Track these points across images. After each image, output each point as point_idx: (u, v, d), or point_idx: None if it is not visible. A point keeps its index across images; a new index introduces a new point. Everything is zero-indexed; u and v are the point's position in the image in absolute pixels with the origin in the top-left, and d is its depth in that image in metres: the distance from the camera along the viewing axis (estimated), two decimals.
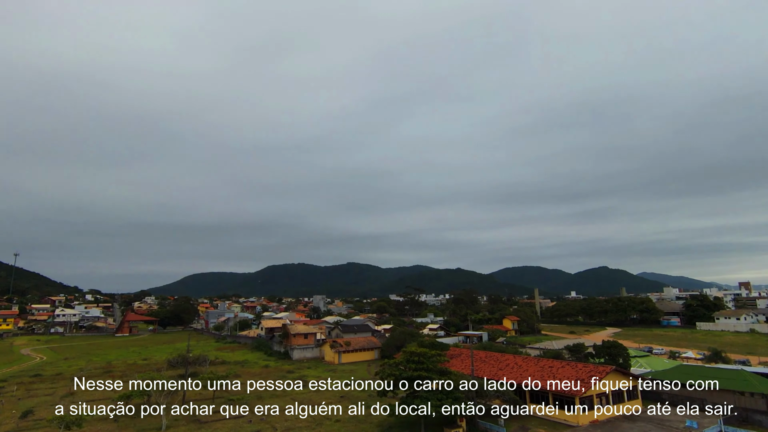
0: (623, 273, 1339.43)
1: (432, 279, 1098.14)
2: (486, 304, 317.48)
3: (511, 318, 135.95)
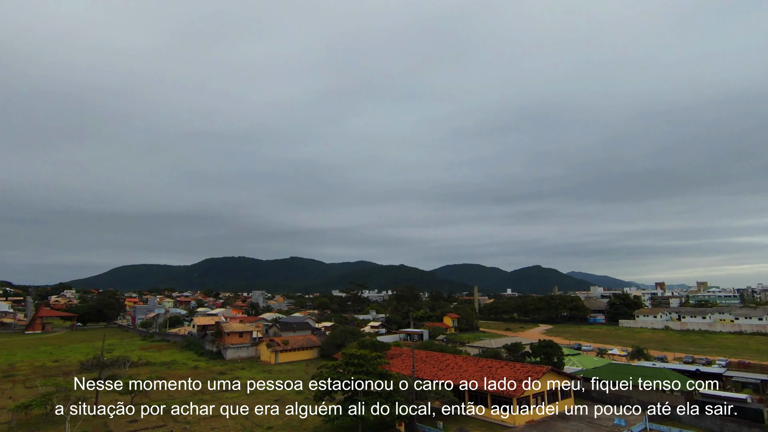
0: (554, 272, 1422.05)
1: (375, 275, 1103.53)
2: (427, 301, 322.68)
3: (451, 315, 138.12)
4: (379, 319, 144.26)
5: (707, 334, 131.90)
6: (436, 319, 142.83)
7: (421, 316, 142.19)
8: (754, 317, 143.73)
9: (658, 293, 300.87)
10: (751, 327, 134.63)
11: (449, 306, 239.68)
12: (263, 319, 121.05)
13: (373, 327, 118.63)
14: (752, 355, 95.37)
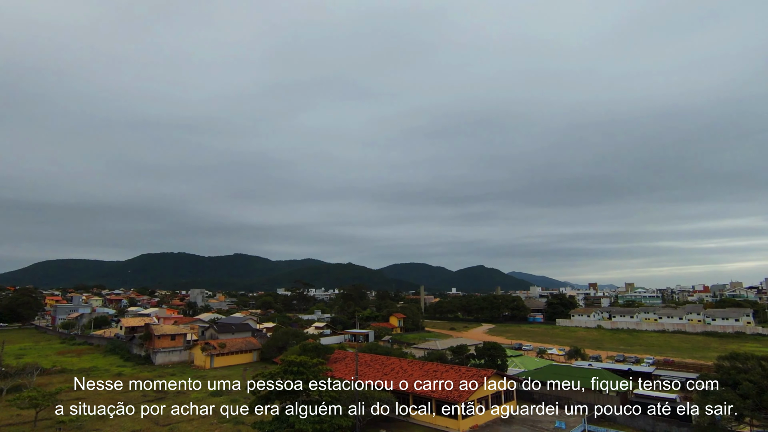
0: (497, 272, 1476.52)
1: (323, 273, 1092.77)
2: (374, 300, 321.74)
3: (397, 315, 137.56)
4: (325, 319, 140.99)
5: (635, 333, 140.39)
6: (382, 319, 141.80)
7: (367, 316, 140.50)
8: (675, 317, 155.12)
9: (591, 293, 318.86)
10: (672, 326, 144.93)
11: (396, 305, 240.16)
12: (200, 320, 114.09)
13: (318, 328, 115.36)
14: (674, 352, 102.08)
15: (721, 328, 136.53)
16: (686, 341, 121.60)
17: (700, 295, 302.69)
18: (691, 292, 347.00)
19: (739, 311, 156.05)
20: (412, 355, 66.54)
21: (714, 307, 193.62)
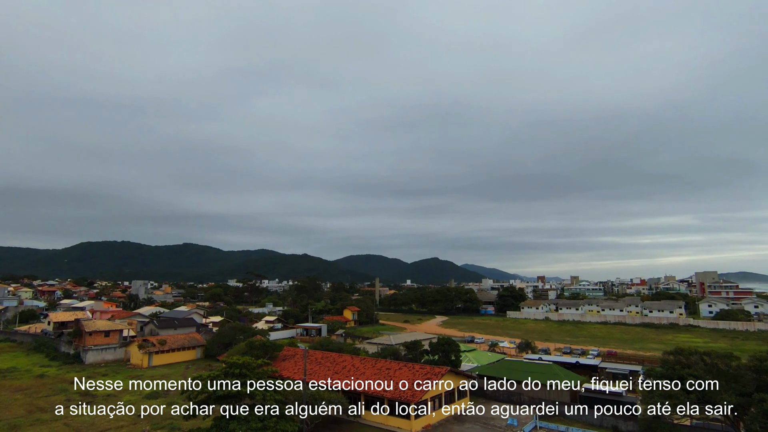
0: (450, 264, 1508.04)
1: (277, 264, 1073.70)
2: (329, 292, 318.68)
3: (351, 309, 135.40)
4: (276, 312, 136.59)
5: (580, 324, 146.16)
6: (336, 312, 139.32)
7: (320, 309, 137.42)
8: (616, 309, 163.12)
9: (539, 286, 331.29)
10: (614, 317, 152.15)
11: (350, 298, 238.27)
12: (139, 315, 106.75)
13: (269, 322, 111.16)
14: (617, 344, 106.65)
15: (657, 319, 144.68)
16: (626, 332, 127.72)
17: (637, 288, 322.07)
18: (629, 285, 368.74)
19: (673, 304, 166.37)
20: (366, 351, 64.69)
21: (650, 300, 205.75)
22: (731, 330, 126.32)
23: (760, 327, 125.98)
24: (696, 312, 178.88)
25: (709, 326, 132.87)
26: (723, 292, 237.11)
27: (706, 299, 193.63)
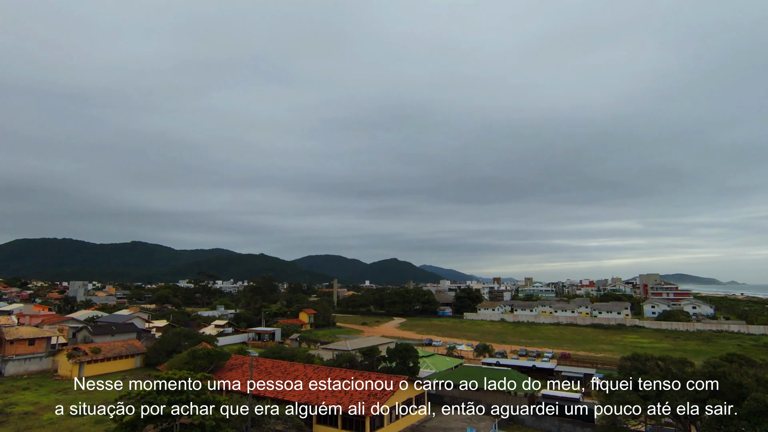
0: (409, 265, 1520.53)
1: (233, 264, 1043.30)
2: (285, 293, 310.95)
3: (307, 311, 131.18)
4: (227, 315, 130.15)
5: (534, 326, 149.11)
6: (291, 315, 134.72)
7: (274, 312, 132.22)
8: (568, 310, 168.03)
9: (495, 287, 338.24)
10: (566, 319, 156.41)
11: (307, 299, 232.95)
12: (73, 320, 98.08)
13: (218, 326, 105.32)
14: (569, 345, 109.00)
15: (606, 320, 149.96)
16: (578, 333, 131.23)
17: (586, 289, 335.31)
18: (579, 286, 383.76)
19: (620, 305, 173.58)
20: (320, 358, 61.60)
21: (599, 301, 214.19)
22: (673, 330, 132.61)
23: (699, 327, 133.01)
24: (640, 313, 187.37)
25: (653, 326, 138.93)
26: (664, 294, 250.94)
27: (649, 300, 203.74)
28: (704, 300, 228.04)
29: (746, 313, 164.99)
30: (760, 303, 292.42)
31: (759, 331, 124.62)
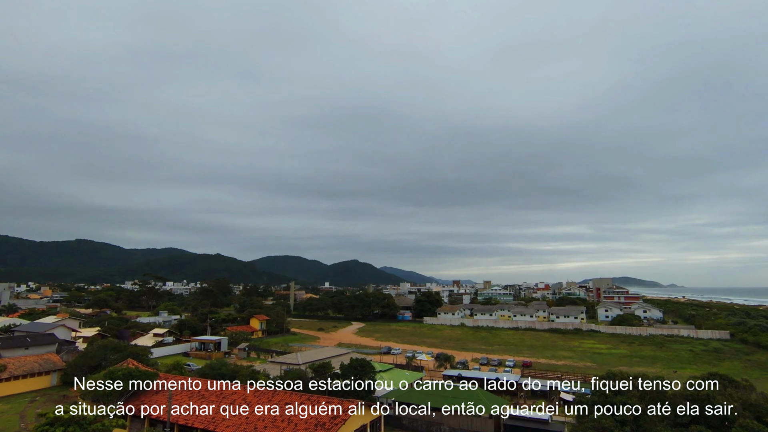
0: (370, 267, 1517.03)
1: (187, 264, 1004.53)
2: (240, 296, 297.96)
3: (259, 317, 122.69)
4: (170, 322, 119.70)
5: (493, 331, 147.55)
6: (242, 321, 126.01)
7: (223, 318, 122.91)
8: (527, 314, 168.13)
9: (455, 290, 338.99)
10: (525, 323, 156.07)
11: (262, 302, 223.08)
12: None
13: (158, 335, 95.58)
14: (529, 351, 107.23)
15: (563, 325, 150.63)
16: (537, 339, 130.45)
17: (542, 292, 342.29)
18: (535, 289, 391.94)
19: (576, 309, 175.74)
20: (266, 375, 55.07)
21: (555, 305, 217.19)
22: (628, 335, 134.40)
23: (651, 332, 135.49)
24: (595, 316, 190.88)
25: (608, 331, 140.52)
26: (615, 297, 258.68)
27: (602, 304, 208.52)
28: (652, 303, 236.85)
29: (693, 318, 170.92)
30: (701, 306, 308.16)
31: (707, 336, 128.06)
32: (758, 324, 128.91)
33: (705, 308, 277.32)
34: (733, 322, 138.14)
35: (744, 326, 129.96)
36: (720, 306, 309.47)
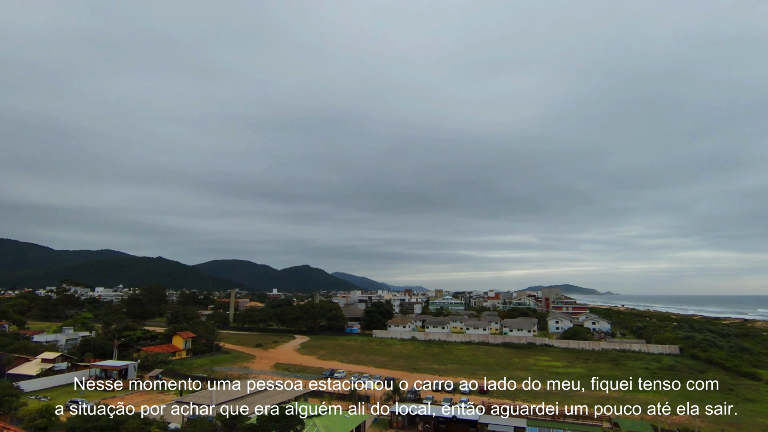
0: (321, 272, 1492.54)
1: (124, 268, 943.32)
2: (174, 305, 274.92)
3: (183, 335, 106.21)
4: (74, 341, 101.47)
5: (446, 346, 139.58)
6: (165, 339, 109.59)
7: (139, 336, 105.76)
8: (480, 327, 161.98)
9: (406, 299, 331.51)
10: (478, 337, 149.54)
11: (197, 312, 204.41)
12: None
13: (47, 360, 78.27)
14: (485, 371, 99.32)
15: (516, 339, 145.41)
16: (491, 354, 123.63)
17: (492, 301, 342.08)
18: (485, 298, 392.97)
19: (528, 322, 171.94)
20: (163, 424, 42.27)
21: (507, 315, 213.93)
22: (581, 350, 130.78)
23: (604, 346, 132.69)
24: (545, 328, 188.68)
25: (562, 345, 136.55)
26: (564, 308, 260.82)
27: (552, 315, 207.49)
28: (598, 314, 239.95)
29: (641, 331, 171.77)
30: (641, 315, 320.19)
31: (657, 350, 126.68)
32: (706, 339, 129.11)
33: (646, 318, 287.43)
34: (681, 336, 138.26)
35: (692, 341, 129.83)
36: (658, 316, 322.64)
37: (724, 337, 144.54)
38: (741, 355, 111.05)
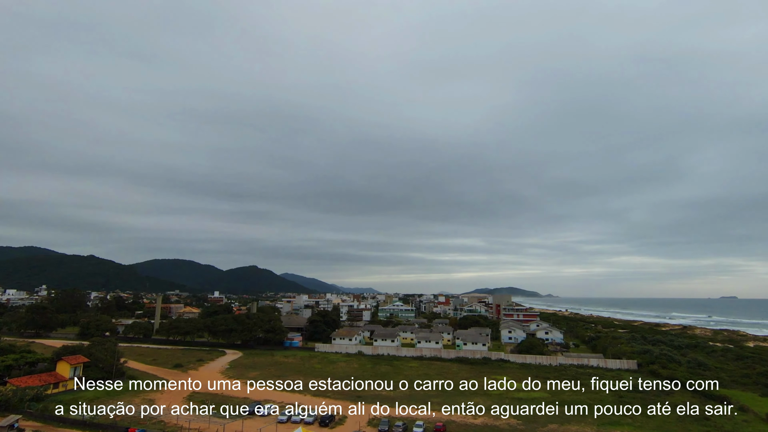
0: (269, 273, 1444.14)
1: (51, 267, 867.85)
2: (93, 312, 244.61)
3: (70, 360, 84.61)
4: None
5: (395, 363, 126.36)
6: (50, 365, 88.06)
7: (9, 364, 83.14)
8: (432, 340, 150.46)
9: (355, 305, 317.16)
10: (430, 351, 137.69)
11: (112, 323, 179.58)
12: None
13: None
14: (439, 399, 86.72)
15: (471, 353, 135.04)
16: (445, 373, 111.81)
17: (443, 307, 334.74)
18: (435, 303, 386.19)
19: (482, 333, 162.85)
20: None
21: (458, 323, 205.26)
22: (539, 365, 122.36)
23: (561, 361, 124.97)
24: (498, 338, 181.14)
25: (518, 360, 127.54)
26: (515, 314, 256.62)
27: (504, 323, 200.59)
28: (548, 322, 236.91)
29: (594, 342, 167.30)
30: (585, 321, 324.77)
31: (615, 366, 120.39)
32: (663, 353, 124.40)
33: (591, 324, 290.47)
34: (637, 350, 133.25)
35: (650, 355, 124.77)
36: (602, 321, 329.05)
37: (677, 349, 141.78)
38: (702, 372, 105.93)
